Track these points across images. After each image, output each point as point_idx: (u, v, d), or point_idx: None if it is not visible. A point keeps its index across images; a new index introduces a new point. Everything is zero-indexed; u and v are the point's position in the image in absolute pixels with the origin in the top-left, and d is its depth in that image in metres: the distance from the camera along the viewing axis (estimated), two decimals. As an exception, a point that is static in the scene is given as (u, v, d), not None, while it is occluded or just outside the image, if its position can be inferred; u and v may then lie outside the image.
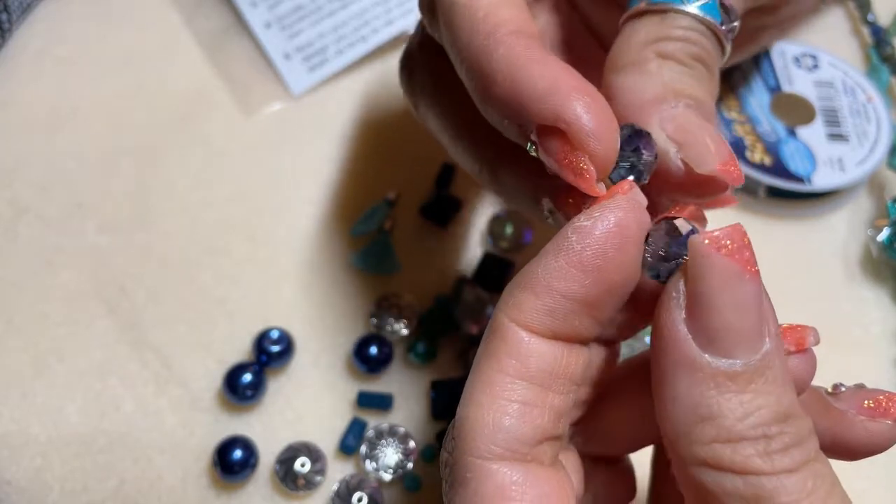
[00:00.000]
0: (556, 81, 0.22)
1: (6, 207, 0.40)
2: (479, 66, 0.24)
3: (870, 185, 0.40)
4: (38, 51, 0.44)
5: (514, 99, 0.23)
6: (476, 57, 0.24)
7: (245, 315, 0.37)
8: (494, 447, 0.21)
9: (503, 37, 0.24)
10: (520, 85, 0.23)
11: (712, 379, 0.20)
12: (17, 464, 0.34)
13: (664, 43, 0.25)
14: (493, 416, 0.21)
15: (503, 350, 0.21)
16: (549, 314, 0.21)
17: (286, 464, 0.33)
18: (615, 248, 0.21)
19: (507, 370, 0.21)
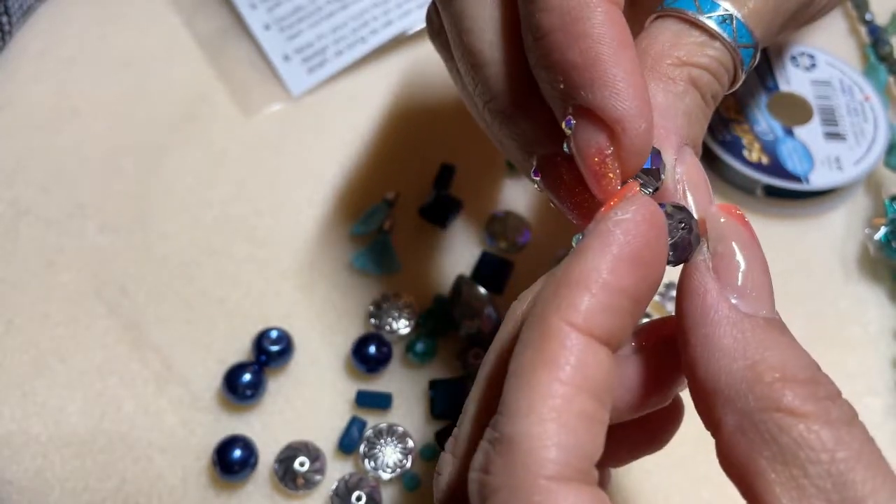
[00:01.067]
0: (636, 84, 0.22)
1: (7, 208, 0.40)
2: (563, 36, 0.23)
3: (867, 184, 0.41)
4: (38, 52, 0.44)
5: (590, 80, 0.22)
6: (564, 24, 0.23)
7: (245, 315, 0.37)
8: (565, 468, 0.19)
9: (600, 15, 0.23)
10: (603, 73, 0.22)
11: (755, 328, 0.20)
12: (18, 463, 0.34)
13: (698, 71, 0.25)
14: (561, 433, 0.19)
15: (563, 358, 0.19)
16: (607, 314, 0.20)
17: (285, 463, 0.34)
18: (656, 239, 0.21)
19: (570, 380, 0.19)
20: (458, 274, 0.38)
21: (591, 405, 0.19)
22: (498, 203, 0.40)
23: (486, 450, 0.20)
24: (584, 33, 0.22)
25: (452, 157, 0.41)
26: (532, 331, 0.20)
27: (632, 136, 0.22)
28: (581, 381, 0.19)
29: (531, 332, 0.20)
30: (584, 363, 0.20)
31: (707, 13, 0.25)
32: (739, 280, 0.21)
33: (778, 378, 0.20)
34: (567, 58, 0.23)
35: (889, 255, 0.38)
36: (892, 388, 0.36)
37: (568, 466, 0.19)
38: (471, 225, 0.40)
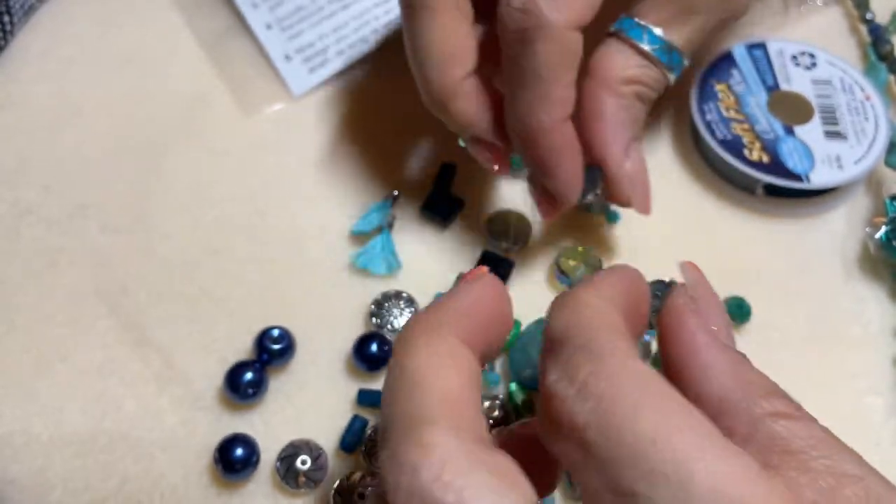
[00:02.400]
0: (577, 183, 0.35)
1: (8, 208, 0.40)
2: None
3: (868, 183, 0.41)
4: (39, 52, 0.44)
5: (550, 175, 0.34)
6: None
7: (246, 314, 0.38)
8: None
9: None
10: (559, 176, 0.34)
11: (735, 357, 0.24)
12: (20, 463, 0.34)
13: (641, 87, 0.34)
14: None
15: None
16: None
17: (287, 461, 0.34)
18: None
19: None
20: (459, 273, 0.38)
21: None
22: (499, 202, 0.40)
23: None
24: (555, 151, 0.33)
25: (453, 156, 0.41)
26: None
27: (567, 203, 0.35)
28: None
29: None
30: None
31: (651, 45, 0.34)
32: (715, 324, 0.25)
33: (769, 391, 0.23)
34: (537, 153, 0.33)
35: (889, 254, 0.38)
36: (893, 387, 0.36)
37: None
38: (472, 224, 0.40)
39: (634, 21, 0.34)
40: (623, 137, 0.34)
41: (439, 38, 0.33)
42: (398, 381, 0.22)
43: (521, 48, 0.31)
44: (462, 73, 0.33)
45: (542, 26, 0.30)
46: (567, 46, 0.31)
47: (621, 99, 0.34)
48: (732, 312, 0.37)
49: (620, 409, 0.19)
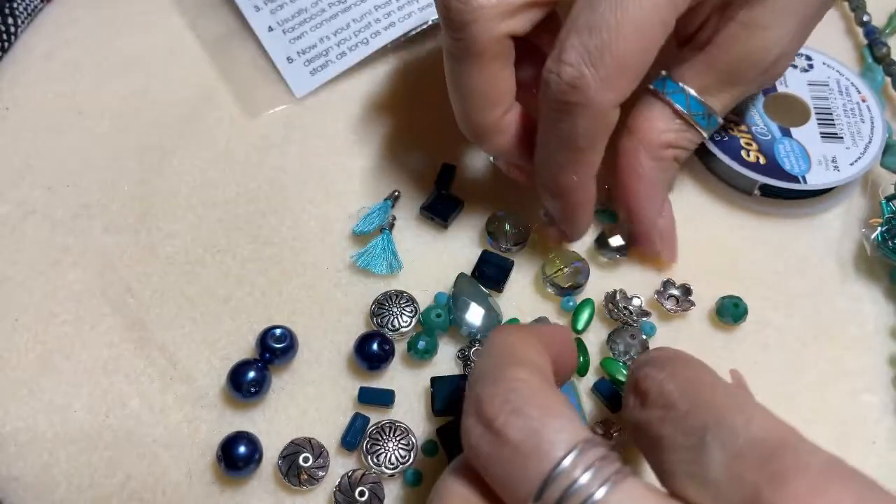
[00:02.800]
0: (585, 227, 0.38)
1: (14, 208, 0.40)
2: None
3: (864, 184, 0.41)
4: (44, 54, 0.45)
5: (571, 229, 0.38)
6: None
7: (249, 313, 0.38)
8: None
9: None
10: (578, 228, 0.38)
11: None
12: (25, 460, 0.35)
13: (680, 151, 0.36)
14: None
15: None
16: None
17: (289, 459, 0.34)
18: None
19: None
20: (460, 272, 0.38)
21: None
22: (498, 202, 0.41)
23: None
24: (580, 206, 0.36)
25: (453, 157, 0.42)
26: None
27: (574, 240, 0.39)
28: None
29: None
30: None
31: (692, 111, 0.35)
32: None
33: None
34: (561, 204, 0.36)
35: (885, 254, 0.38)
36: (889, 386, 0.37)
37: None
38: (472, 224, 0.40)
39: (679, 86, 0.35)
40: (659, 197, 0.37)
41: (485, 85, 0.33)
42: (495, 347, 0.27)
43: (563, 116, 0.32)
44: (502, 113, 0.34)
45: (589, 104, 0.31)
46: (607, 122, 0.32)
47: (661, 162, 0.36)
48: (729, 312, 0.37)
49: (701, 385, 0.25)
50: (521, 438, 0.23)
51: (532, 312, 0.38)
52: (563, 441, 0.23)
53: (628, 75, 0.31)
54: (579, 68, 0.30)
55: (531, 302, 0.38)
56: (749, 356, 0.37)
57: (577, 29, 0.31)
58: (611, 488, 0.22)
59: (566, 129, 0.32)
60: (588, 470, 0.23)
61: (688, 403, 0.24)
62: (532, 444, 0.23)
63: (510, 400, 0.24)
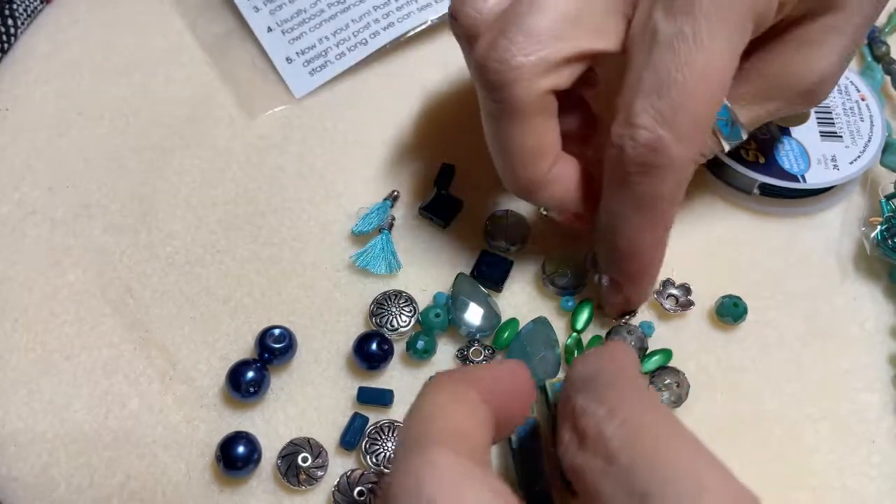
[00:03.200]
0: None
1: (14, 208, 0.40)
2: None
3: (863, 183, 0.41)
4: (44, 54, 0.45)
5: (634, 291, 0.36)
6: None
7: (248, 313, 0.38)
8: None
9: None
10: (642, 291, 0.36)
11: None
12: (24, 460, 0.35)
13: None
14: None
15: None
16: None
17: (288, 459, 0.34)
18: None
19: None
20: (459, 272, 0.38)
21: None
22: (498, 202, 0.41)
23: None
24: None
25: (453, 157, 0.42)
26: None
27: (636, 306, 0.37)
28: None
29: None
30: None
31: (717, 115, 0.32)
32: None
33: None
34: (633, 267, 0.34)
35: (885, 253, 0.38)
36: (889, 385, 0.37)
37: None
38: (471, 224, 0.40)
39: None
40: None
41: (530, 141, 0.32)
42: (417, 412, 0.25)
43: (642, 179, 0.30)
44: (549, 166, 0.33)
45: (672, 164, 0.30)
46: (687, 177, 0.31)
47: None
48: (728, 311, 0.37)
49: (644, 429, 0.23)
50: None
51: (531, 312, 0.38)
52: None
53: (705, 128, 0.30)
54: (654, 131, 0.29)
55: (530, 302, 0.38)
56: (749, 356, 0.37)
57: (643, 91, 0.29)
58: None
59: (646, 190, 0.31)
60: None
61: (630, 457, 0.23)
62: None
63: (419, 495, 0.22)
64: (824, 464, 0.35)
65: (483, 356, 0.36)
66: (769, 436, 0.35)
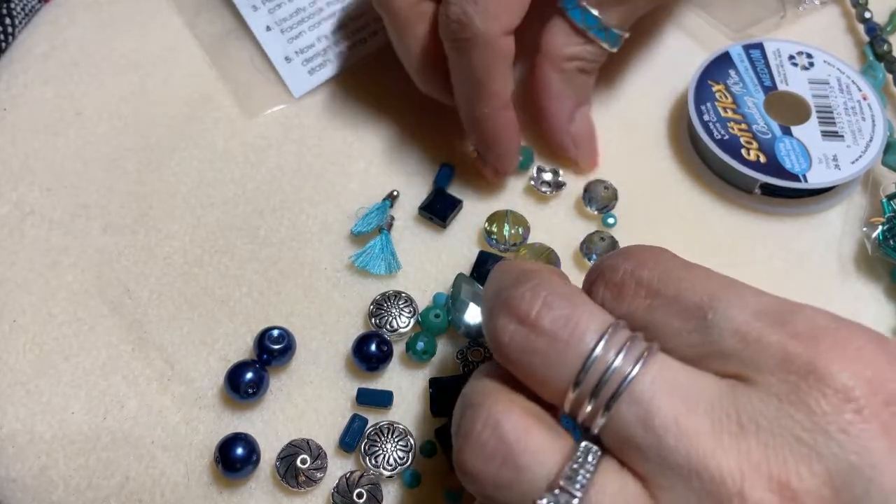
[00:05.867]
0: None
1: (12, 208, 0.40)
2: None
3: (865, 183, 0.41)
4: (42, 54, 0.45)
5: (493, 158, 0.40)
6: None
7: (247, 314, 0.38)
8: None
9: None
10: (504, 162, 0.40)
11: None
12: (22, 462, 0.35)
13: (582, 62, 0.38)
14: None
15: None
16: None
17: (287, 460, 0.34)
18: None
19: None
20: (458, 273, 0.38)
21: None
22: (497, 202, 0.41)
23: None
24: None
25: (452, 157, 0.42)
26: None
27: (506, 172, 0.41)
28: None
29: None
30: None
31: (587, 25, 0.37)
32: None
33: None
34: (479, 136, 0.39)
35: (886, 253, 0.38)
36: (890, 386, 0.36)
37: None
38: (470, 224, 0.40)
39: (575, 1, 0.37)
40: (566, 107, 0.39)
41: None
42: (502, 266, 0.29)
43: (459, 53, 0.36)
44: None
45: (475, 37, 0.35)
46: (498, 51, 0.35)
47: (564, 74, 0.38)
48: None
49: (675, 268, 0.25)
50: (557, 328, 0.24)
51: (531, 312, 0.37)
52: (594, 327, 0.24)
53: (508, 3, 0.35)
54: (461, 5, 0.34)
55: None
56: (749, 356, 0.37)
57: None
58: (643, 365, 0.23)
59: (464, 63, 0.36)
60: (620, 352, 0.23)
61: (673, 288, 0.25)
62: (567, 332, 0.24)
63: (539, 294, 0.25)
64: (825, 465, 0.35)
65: (483, 357, 0.36)
66: (770, 437, 0.35)
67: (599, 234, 0.39)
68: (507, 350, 0.25)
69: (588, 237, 0.39)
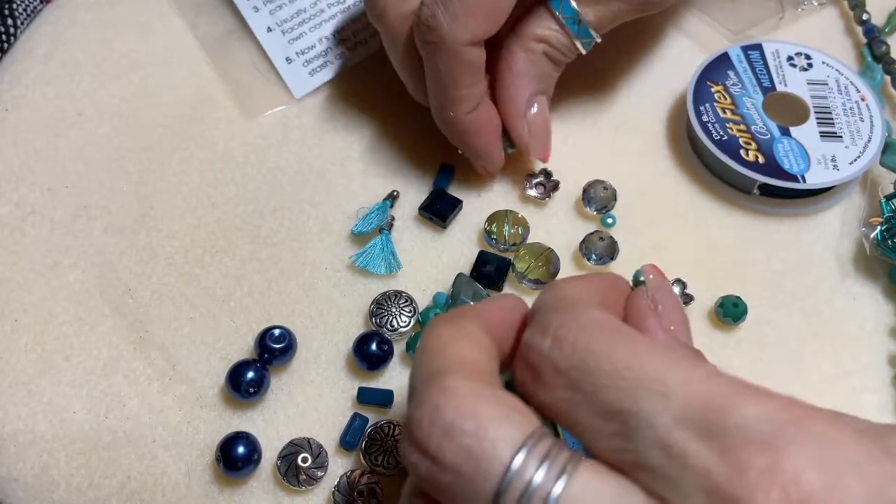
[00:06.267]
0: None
1: (13, 209, 0.40)
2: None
3: (863, 183, 0.41)
4: (43, 55, 0.45)
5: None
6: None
7: (248, 313, 0.38)
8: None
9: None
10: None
11: (688, 352, 0.25)
12: (24, 461, 0.35)
13: (549, 47, 0.37)
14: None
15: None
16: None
17: (288, 459, 0.34)
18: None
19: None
20: (458, 272, 0.38)
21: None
22: (498, 202, 0.41)
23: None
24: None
25: (453, 157, 0.42)
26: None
27: (491, 168, 0.40)
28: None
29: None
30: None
31: (563, 14, 0.36)
32: (671, 320, 0.27)
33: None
34: (453, 137, 0.39)
35: (885, 253, 0.38)
36: (888, 385, 0.37)
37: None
38: (470, 224, 0.40)
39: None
40: (527, 88, 0.38)
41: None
42: (422, 351, 0.25)
43: (427, 56, 0.36)
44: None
45: (441, 41, 0.34)
46: (465, 59, 0.35)
47: (529, 53, 0.37)
48: (728, 312, 0.37)
49: (595, 347, 0.22)
50: (460, 461, 0.21)
51: (531, 312, 0.38)
52: (506, 446, 0.21)
53: (478, 14, 0.34)
54: (432, 8, 0.34)
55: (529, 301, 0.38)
56: (749, 356, 0.37)
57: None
58: (568, 479, 0.20)
59: (432, 67, 0.36)
60: (541, 466, 0.21)
61: (590, 384, 0.22)
62: (472, 465, 0.21)
63: (437, 420, 0.22)
64: (824, 464, 0.35)
65: (483, 356, 0.36)
66: (769, 436, 0.35)
67: (599, 234, 0.39)
68: (417, 477, 0.23)
69: (587, 237, 0.39)
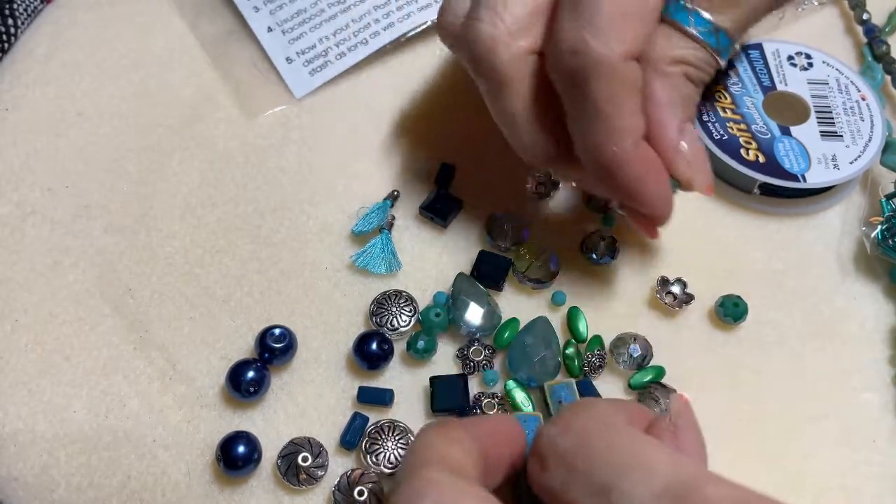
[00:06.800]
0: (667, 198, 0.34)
1: (14, 209, 0.40)
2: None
3: (863, 183, 0.41)
4: (44, 55, 0.45)
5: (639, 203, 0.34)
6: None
7: (248, 313, 0.38)
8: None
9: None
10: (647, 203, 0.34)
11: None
12: (24, 461, 0.35)
13: (689, 67, 0.34)
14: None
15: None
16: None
17: (288, 458, 0.34)
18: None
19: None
20: (459, 272, 0.38)
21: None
22: (498, 202, 0.41)
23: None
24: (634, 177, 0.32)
25: (452, 157, 0.42)
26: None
27: (663, 218, 0.35)
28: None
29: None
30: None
31: (697, 27, 0.34)
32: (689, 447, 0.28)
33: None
34: (617, 183, 0.33)
35: (885, 253, 0.38)
36: (889, 385, 0.37)
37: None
38: (471, 224, 0.40)
39: (681, 4, 0.33)
40: (675, 118, 0.33)
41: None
42: (411, 451, 0.26)
43: (578, 87, 0.31)
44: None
45: (594, 64, 0.30)
46: (623, 78, 0.31)
47: (669, 79, 0.33)
48: (729, 311, 0.37)
49: (595, 435, 0.25)
50: None
51: (531, 312, 0.38)
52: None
53: (627, 19, 0.30)
54: (572, 33, 0.30)
55: (530, 301, 0.38)
56: (749, 356, 0.37)
57: (563, 9, 0.31)
58: None
59: (582, 99, 0.31)
60: None
61: (584, 463, 0.24)
62: None
63: (421, 499, 0.23)
64: (824, 464, 0.35)
65: (483, 356, 0.36)
66: (769, 436, 0.35)
67: (599, 233, 0.39)
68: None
69: (588, 237, 0.39)
